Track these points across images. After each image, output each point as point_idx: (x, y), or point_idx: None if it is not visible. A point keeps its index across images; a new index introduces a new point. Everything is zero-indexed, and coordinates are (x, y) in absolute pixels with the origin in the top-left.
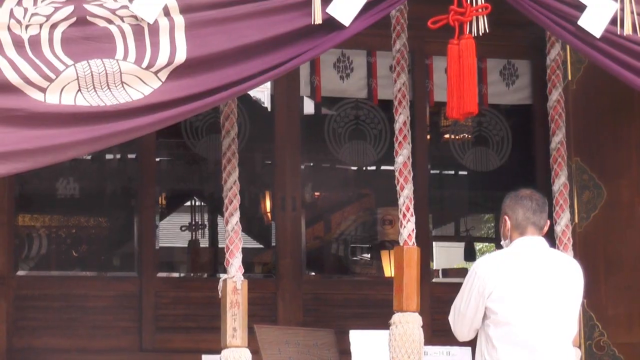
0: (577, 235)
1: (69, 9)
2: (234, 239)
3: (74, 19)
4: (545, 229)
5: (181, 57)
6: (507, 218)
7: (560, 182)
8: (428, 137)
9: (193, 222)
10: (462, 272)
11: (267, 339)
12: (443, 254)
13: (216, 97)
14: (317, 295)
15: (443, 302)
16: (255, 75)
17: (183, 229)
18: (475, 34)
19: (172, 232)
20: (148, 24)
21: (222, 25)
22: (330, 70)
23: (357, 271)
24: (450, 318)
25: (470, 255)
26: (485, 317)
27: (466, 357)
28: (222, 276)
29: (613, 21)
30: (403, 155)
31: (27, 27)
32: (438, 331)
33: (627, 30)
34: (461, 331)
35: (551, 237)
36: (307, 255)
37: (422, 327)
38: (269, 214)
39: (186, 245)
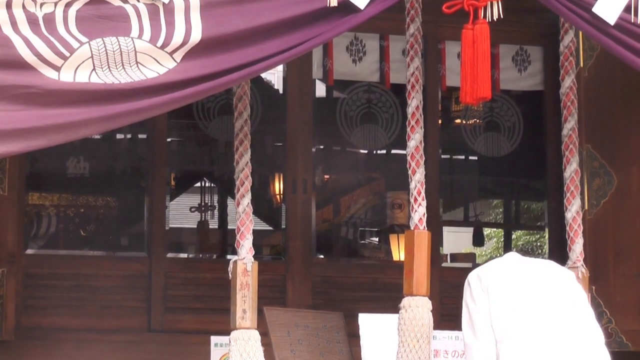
0: (587, 222)
1: None
2: (245, 220)
3: None
4: None
5: (196, 36)
6: None
7: (571, 168)
8: (439, 121)
9: (203, 203)
10: (471, 257)
11: (276, 321)
12: (451, 238)
13: (231, 77)
14: (326, 278)
15: (452, 286)
16: (270, 56)
17: (192, 210)
18: (489, 20)
19: (182, 212)
20: (163, 3)
21: (237, 5)
22: (343, 53)
23: (366, 255)
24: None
25: (478, 240)
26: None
27: None
28: (233, 258)
29: (627, 9)
30: (415, 139)
31: (41, 5)
32: (447, 315)
33: None
34: None
35: (561, 224)
36: (317, 238)
37: (431, 311)
38: (278, 196)
39: (195, 226)
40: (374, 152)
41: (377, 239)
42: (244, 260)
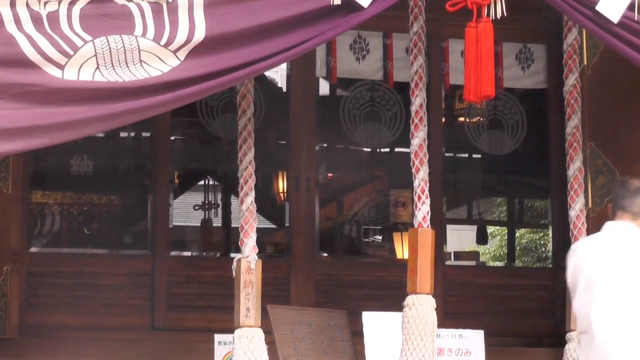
0: (590, 220)
1: None
2: (249, 218)
3: None
4: None
5: (200, 35)
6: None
7: (575, 166)
8: (443, 119)
9: (206, 201)
10: (474, 255)
11: (280, 319)
12: (455, 236)
13: (234, 75)
14: (329, 276)
15: (455, 284)
16: (273, 54)
17: (196, 208)
18: (493, 18)
19: (185, 211)
20: (167, 1)
21: (241, 4)
22: (347, 51)
23: (369, 253)
24: None
25: (482, 238)
26: None
27: (478, 340)
28: (236, 256)
29: (631, 7)
30: (419, 137)
31: (45, 3)
32: (450, 314)
33: None
34: None
35: (565, 222)
36: (320, 236)
37: (435, 309)
38: (281, 194)
39: (199, 224)
40: (378, 150)
41: (380, 237)
42: (248, 258)
